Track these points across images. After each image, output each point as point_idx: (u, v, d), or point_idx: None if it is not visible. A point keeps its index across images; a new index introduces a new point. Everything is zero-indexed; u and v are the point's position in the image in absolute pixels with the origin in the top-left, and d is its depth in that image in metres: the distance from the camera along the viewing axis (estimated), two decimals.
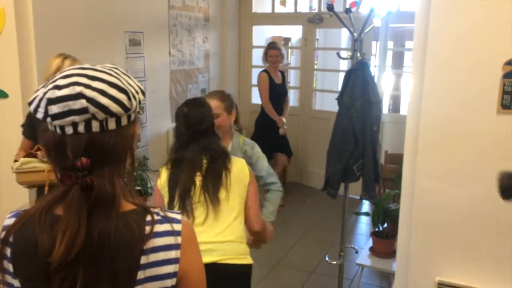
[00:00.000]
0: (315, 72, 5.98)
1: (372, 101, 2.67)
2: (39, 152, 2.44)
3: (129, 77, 0.97)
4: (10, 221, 0.97)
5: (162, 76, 4.56)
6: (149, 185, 3.97)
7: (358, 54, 2.75)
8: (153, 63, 4.37)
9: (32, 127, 2.59)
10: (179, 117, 2.03)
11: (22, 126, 2.72)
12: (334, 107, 5.57)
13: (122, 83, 0.93)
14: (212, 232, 1.88)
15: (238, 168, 1.98)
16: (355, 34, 2.76)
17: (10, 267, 0.94)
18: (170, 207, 1.92)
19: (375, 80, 2.78)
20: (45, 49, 3.17)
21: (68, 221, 0.88)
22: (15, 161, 2.47)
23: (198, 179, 1.93)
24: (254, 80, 5.73)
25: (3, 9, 3.03)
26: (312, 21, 5.55)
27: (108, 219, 0.91)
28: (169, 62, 4.63)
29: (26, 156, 2.45)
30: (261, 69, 5.06)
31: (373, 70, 5.22)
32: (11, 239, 0.94)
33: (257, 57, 5.92)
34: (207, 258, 1.82)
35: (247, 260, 1.96)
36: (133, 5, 4.01)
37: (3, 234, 0.95)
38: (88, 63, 0.98)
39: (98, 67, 0.95)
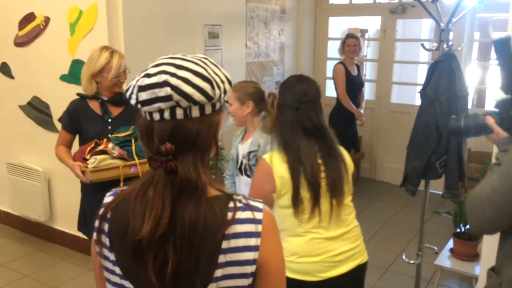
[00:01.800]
0: (393, 64, 5.78)
1: (458, 95, 2.53)
2: (105, 148, 2.38)
3: (217, 67, 0.99)
4: (108, 199, 1.04)
5: (238, 68, 4.63)
6: (223, 174, 4.06)
7: (445, 45, 2.62)
8: (230, 55, 4.45)
9: (73, 121, 2.55)
10: (297, 90, 1.85)
11: (60, 120, 2.68)
12: (412, 100, 5.41)
13: (208, 72, 0.95)
14: (347, 235, 1.87)
15: (347, 157, 1.92)
16: (442, 24, 2.63)
17: (107, 241, 1.01)
18: (297, 206, 1.79)
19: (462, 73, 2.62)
20: (133, 42, 3.35)
21: (153, 202, 0.93)
22: (84, 158, 2.39)
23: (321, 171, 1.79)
24: (329, 73, 5.65)
25: (95, 5, 3.23)
26: (394, 11, 5.36)
27: (198, 204, 0.94)
28: (245, 54, 4.70)
29: (97, 153, 2.38)
30: (337, 61, 4.97)
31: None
32: (108, 215, 1.01)
33: (332, 49, 5.82)
34: (352, 263, 1.87)
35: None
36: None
37: (102, 210, 1.02)
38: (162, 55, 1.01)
39: (188, 57, 0.98)
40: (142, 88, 0.93)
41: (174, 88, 0.91)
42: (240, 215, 0.97)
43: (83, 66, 3.41)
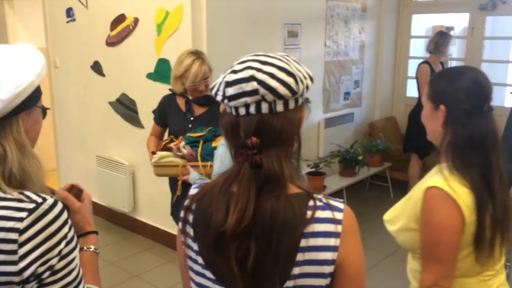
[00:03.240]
0: (481, 63, 5.43)
1: None
2: (173, 145, 2.48)
3: (298, 63, 1.01)
4: (194, 191, 1.08)
5: (316, 67, 4.59)
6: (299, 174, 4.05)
7: None
8: (309, 54, 4.42)
9: (162, 115, 2.74)
10: (478, 88, 1.39)
11: (154, 112, 2.84)
12: (502, 101, 5.05)
13: (291, 68, 0.97)
14: (501, 269, 1.53)
15: None
16: None
17: (191, 231, 1.05)
18: (480, 244, 1.36)
19: None
20: (215, 42, 3.43)
21: (239, 195, 0.95)
22: (153, 152, 2.56)
23: None
24: (411, 72, 5.44)
25: (181, 6, 3.36)
26: (484, 7, 5.04)
27: (278, 198, 0.95)
28: (324, 53, 4.64)
29: (162, 149, 2.51)
30: (420, 60, 4.76)
31: None
32: (193, 207, 1.05)
33: (414, 47, 5.60)
34: None
35: None
36: None
37: (187, 201, 1.07)
38: (242, 54, 1.03)
39: (271, 54, 1.01)
40: (229, 84, 0.96)
41: (260, 82, 0.94)
42: (320, 214, 0.97)
43: (167, 64, 3.58)
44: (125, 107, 3.99)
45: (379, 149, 4.93)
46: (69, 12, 4.25)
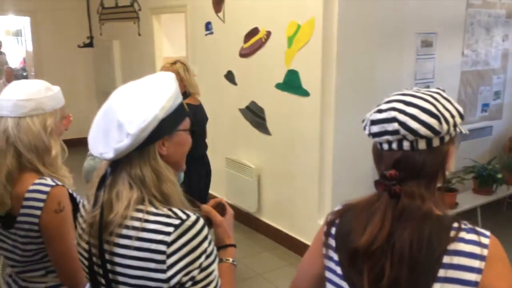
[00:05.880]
0: None
1: None
2: None
3: (448, 101, 1.03)
4: (337, 207, 1.17)
5: (451, 78, 4.33)
6: None
7: None
8: (443, 64, 4.19)
9: None
10: None
11: None
12: None
13: (437, 108, 1.00)
14: None
15: None
16: None
17: (333, 243, 1.13)
18: None
19: None
20: (345, 54, 3.45)
21: (374, 220, 1.03)
22: None
23: None
24: None
25: (312, 19, 3.43)
26: None
27: (420, 225, 0.99)
28: (460, 62, 4.36)
29: None
30: None
31: None
32: (337, 221, 1.14)
33: None
34: None
35: None
36: (428, 6, 3.93)
37: (331, 216, 1.16)
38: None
39: (419, 92, 1.04)
40: (373, 122, 1.05)
41: (402, 123, 0.99)
42: (465, 235, 0.98)
43: (296, 75, 3.69)
44: (254, 114, 4.20)
45: None
46: (208, 26, 4.61)
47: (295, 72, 3.66)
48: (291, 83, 3.71)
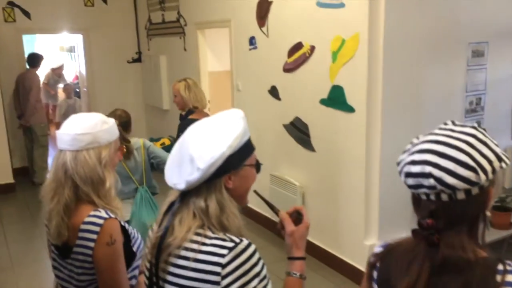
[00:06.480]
0: None
1: None
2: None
3: (486, 145, 0.97)
4: (378, 249, 1.13)
5: (505, 88, 4.13)
6: None
7: None
8: (496, 74, 4.01)
9: None
10: None
11: None
12: None
13: (473, 158, 0.94)
14: None
15: None
16: None
17: (375, 287, 1.10)
18: None
19: None
20: (391, 69, 3.37)
21: (411, 270, 0.99)
22: None
23: None
24: None
25: (357, 34, 3.37)
26: None
27: (463, 275, 0.95)
28: None
29: None
30: None
31: None
32: (378, 264, 1.11)
33: None
34: None
35: None
36: (478, 14, 3.77)
37: (372, 259, 1.12)
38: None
39: (452, 137, 0.98)
40: (408, 175, 1.02)
41: (438, 179, 0.96)
42: (511, 278, 0.94)
43: (341, 91, 3.63)
44: (298, 130, 4.17)
45: None
46: (252, 41, 4.64)
47: (340, 88, 3.61)
48: (336, 99, 3.66)
